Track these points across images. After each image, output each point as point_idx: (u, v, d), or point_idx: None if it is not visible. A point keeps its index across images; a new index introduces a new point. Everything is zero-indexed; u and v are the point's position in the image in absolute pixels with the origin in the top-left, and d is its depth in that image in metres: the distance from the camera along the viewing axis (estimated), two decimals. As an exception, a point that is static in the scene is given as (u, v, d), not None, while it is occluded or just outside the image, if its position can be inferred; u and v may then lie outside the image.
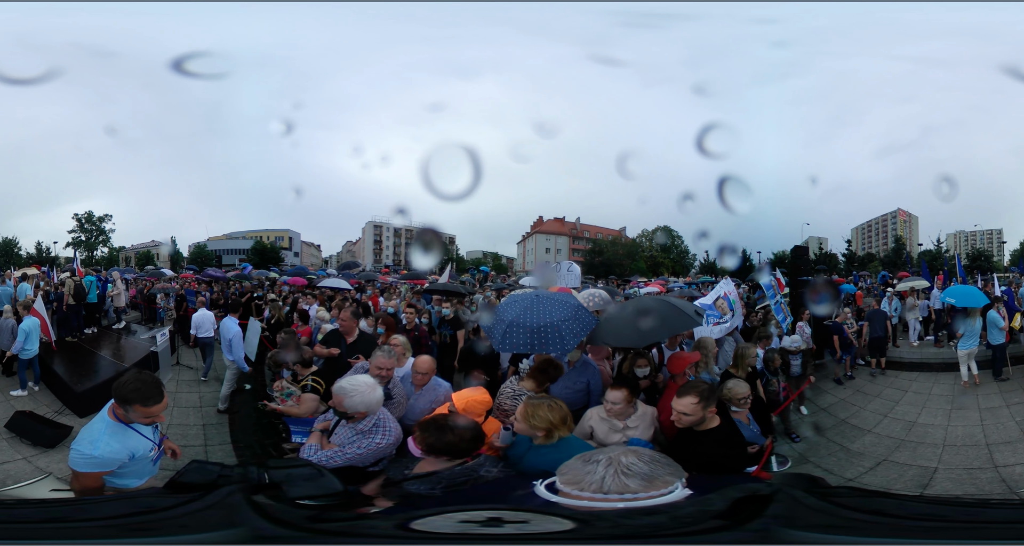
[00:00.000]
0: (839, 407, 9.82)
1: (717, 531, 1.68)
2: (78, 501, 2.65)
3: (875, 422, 9.13)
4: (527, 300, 5.83)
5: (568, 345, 5.42)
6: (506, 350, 5.63)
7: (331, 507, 2.47)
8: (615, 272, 23.69)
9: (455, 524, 1.92)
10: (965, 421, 8.73)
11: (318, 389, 5.77)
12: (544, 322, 5.44)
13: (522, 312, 5.56)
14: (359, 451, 4.22)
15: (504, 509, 2.03)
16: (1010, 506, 2.27)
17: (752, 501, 1.75)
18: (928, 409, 9.36)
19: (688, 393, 4.16)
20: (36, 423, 8.07)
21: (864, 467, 7.66)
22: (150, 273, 19.40)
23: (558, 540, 1.82)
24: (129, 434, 3.51)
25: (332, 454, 4.24)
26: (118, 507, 1.83)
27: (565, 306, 5.68)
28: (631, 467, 1.95)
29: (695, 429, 4.20)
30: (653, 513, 1.83)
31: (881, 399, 10.05)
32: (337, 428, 4.52)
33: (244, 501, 1.85)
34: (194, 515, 1.79)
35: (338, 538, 1.84)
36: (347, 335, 6.91)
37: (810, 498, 1.78)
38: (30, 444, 7.64)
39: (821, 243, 23.80)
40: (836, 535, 1.66)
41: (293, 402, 5.73)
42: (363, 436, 4.28)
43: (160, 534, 1.72)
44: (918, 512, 1.88)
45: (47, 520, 1.77)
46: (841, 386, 10.65)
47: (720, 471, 3.89)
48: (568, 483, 1.98)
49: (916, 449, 8.01)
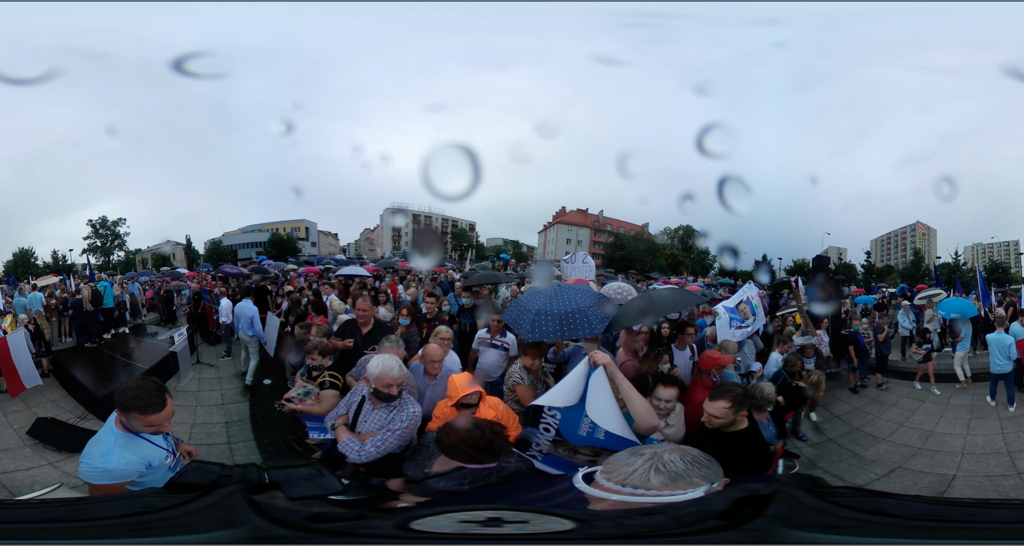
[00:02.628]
0: (854, 415, 9.72)
1: (717, 531, 1.66)
2: (78, 501, 2.66)
3: (890, 430, 9.02)
4: (550, 290, 6.10)
5: (595, 329, 5.61)
6: (536, 338, 5.65)
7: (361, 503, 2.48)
8: (636, 267, 23.54)
9: (455, 524, 1.92)
10: (985, 430, 8.59)
11: (336, 384, 5.67)
12: (572, 309, 5.68)
13: (548, 301, 5.79)
14: (404, 424, 4.32)
15: (507, 509, 2.03)
16: (1010, 506, 2.22)
17: (752, 501, 1.73)
18: (946, 419, 9.21)
19: (722, 397, 4.20)
20: (59, 428, 8.14)
21: (876, 474, 7.58)
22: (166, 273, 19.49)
23: (558, 540, 1.81)
24: (141, 444, 3.38)
25: (383, 436, 4.29)
26: (118, 507, 1.83)
27: (588, 294, 5.97)
28: (667, 465, 1.91)
29: (723, 430, 4.24)
30: (653, 513, 1.82)
31: (897, 409, 9.92)
32: (362, 416, 4.54)
33: (244, 501, 1.86)
34: (194, 515, 1.80)
35: (338, 538, 1.84)
36: (364, 325, 6.77)
37: (810, 498, 1.76)
38: (55, 449, 7.67)
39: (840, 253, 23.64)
40: (836, 535, 1.64)
41: (312, 401, 5.63)
42: (399, 411, 4.39)
43: (160, 534, 1.72)
44: (918, 512, 1.85)
45: (47, 520, 1.78)
46: (856, 395, 10.54)
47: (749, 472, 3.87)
48: (605, 472, 1.95)
49: (933, 457, 7.89)
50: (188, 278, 17.62)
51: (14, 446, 7.72)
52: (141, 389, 3.27)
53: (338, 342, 6.66)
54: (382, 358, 4.46)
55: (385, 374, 4.33)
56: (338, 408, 4.84)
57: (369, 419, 4.48)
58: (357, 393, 4.75)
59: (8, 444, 7.76)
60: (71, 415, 8.79)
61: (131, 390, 3.26)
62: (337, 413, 4.77)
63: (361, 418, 4.52)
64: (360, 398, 4.65)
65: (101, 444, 3.34)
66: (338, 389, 5.59)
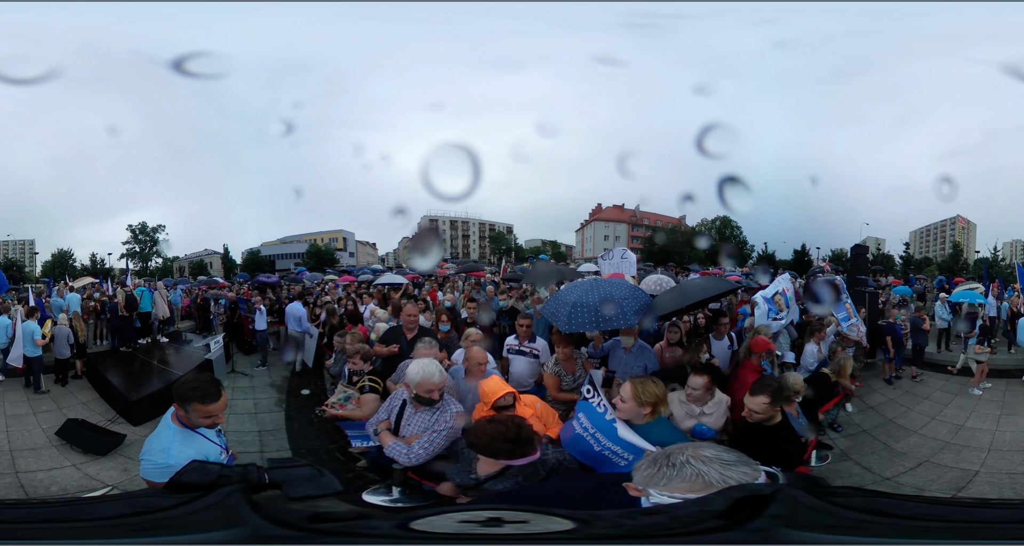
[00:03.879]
0: (888, 407, 9.70)
1: (717, 531, 1.63)
2: (78, 501, 2.70)
3: (922, 423, 8.97)
4: (587, 283, 6.40)
5: (630, 320, 5.80)
6: (573, 329, 5.90)
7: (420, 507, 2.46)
8: (674, 260, 23.43)
9: (455, 524, 1.91)
10: (1014, 427, 8.51)
11: (377, 389, 5.68)
12: (607, 300, 5.85)
13: (583, 294, 6.02)
14: (448, 424, 4.34)
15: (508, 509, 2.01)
16: (1010, 506, 2.18)
17: (752, 501, 1.70)
18: (977, 413, 9.19)
19: (761, 393, 4.28)
20: (88, 431, 8.26)
21: (904, 467, 7.51)
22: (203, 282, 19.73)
23: (558, 540, 1.80)
24: (198, 439, 3.47)
25: (430, 438, 4.29)
26: (118, 507, 1.85)
27: (622, 287, 6.20)
28: (723, 457, 1.93)
29: (762, 424, 4.31)
30: (653, 513, 1.80)
31: (930, 401, 9.88)
32: (404, 420, 4.55)
33: (244, 501, 1.86)
34: (194, 515, 1.81)
35: (338, 538, 1.84)
36: (410, 331, 6.82)
37: (810, 498, 1.73)
38: (80, 451, 7.79)
39: (879, 244, 23.32)
40: (836, 535, 1.61)
41: (353, 405, 5.62)
42: (441, 412, 4.41)
43: (160, 534, 1.74)
44: (918, 512, 1.82)
45: (47, 520, 1.81)
46: (891, 386, 10.50)
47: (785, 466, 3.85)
48: (687, 490, 1.90)
49: (960, 452, 7.82)
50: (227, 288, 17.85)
51: (41, 446, 7.84)
52: (199, 380, 3.40)
53: (383, 348, 6.72)
54: (422, 363, 4.46)
55: (426, 380, 4.34)
56: (379, 413, 4.83)
57: (412, 422, 4.49)
58: (397, 397, 4.74)
59: (35, 443, 7.88)
60: (101, 417, 8.95)
61: (190, 382, 3.38)
62: (379, 418, 4.76)
63: (404, 422, 4.53)
64: (401, 402, 4.65)
65: (160, 440, 3.41)
66: (378, 393, 5.60)
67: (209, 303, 15.59)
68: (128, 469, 7.43)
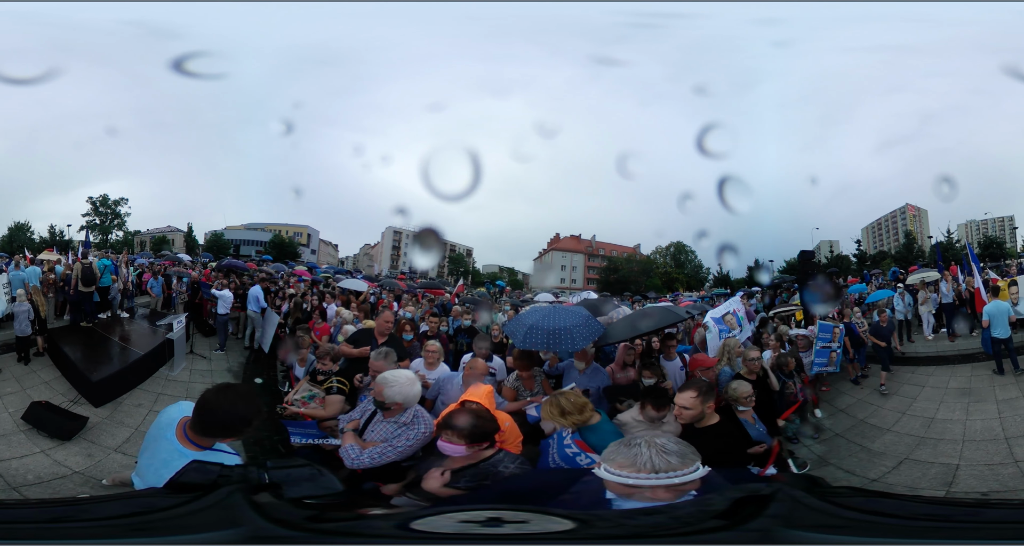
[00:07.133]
0: (857, 407, 9.69)
1: (717, 531, 1.66)
2: (78, 501, 2.67)
3: (894, 420, 8.99)
4: (545, 309, 7.33)
5: (577, 345, 6.58)
6: (527, 347, 6.64)
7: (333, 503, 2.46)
8: (630, 289, 23.68)
9: (455, 524, 1.92)
10: (983, 415, 8.53)
11: (343, 390, 5.73)
12: (560, 326, 6.66)
13: (541, 318, 6.87)
14: (408, 443, 4.31)
15: (508, 509, 2.03)
16: (1010, 506, 2.23)
17: (752, 501, 1.73)
18: (946, 404, 9.17)
19: (689, 388, 4.56)
20: (53, 414, 7.97)
21: (887, 467, 7.58)
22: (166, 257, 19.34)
23: (558, 540, 1.81)
24: (216, 455, 2.81)
25: (382, 450, 4.29)
26: (118, 507, 1.84)
27: (577, 315, 6.99)
28: (667, 446, 2.09)
29: (695, 426, 4.50)
30: (654, 513, 1.82)
31: (899, 396, 9.85)
32: (371, 425, 4.55)
33: (244, 501, 1.86)
34: (194, 515, 1.80)
35: (338, 538, 1.84)
36: (382, 336, 7.04)
37: (810, 498, 1.76)
38: (47, 436, 7.54)
39: (832, 246, 23.58)
40: (836, 535, 1.64)
41: (316, 404, 5.63)
42: (407, 428, 4.38)
43: (160, 534, 1.72)
44: (918, 512, 1.86)
45: (47, 520, 1.79)
46: (858, 386, 10.45)
47: (722, 464, 3.95)
48: (623, 466, 2.07)
49: (936, 446, 7.88)
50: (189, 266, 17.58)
51: (9, 432, 7.50)
52: (256, 409, 2.88)
53: (352, 349, 6.84)
54: (392, 371, 4.51)
55: (378, 384, 4.39)
56: (353, 413, 4.86)
57: (376, 429, 4.49)
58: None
59: (4, 429, 7.55)
60: (64, 398, 8.59)
61: (245, 413, 2.83)
62: (351, 417, 4.78)
63: (370, 427, 4.54)
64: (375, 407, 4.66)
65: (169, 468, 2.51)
66: (345, 395, 5.66)
67: (171, 280, 15.28)
68: (92, 454, 7.32)
